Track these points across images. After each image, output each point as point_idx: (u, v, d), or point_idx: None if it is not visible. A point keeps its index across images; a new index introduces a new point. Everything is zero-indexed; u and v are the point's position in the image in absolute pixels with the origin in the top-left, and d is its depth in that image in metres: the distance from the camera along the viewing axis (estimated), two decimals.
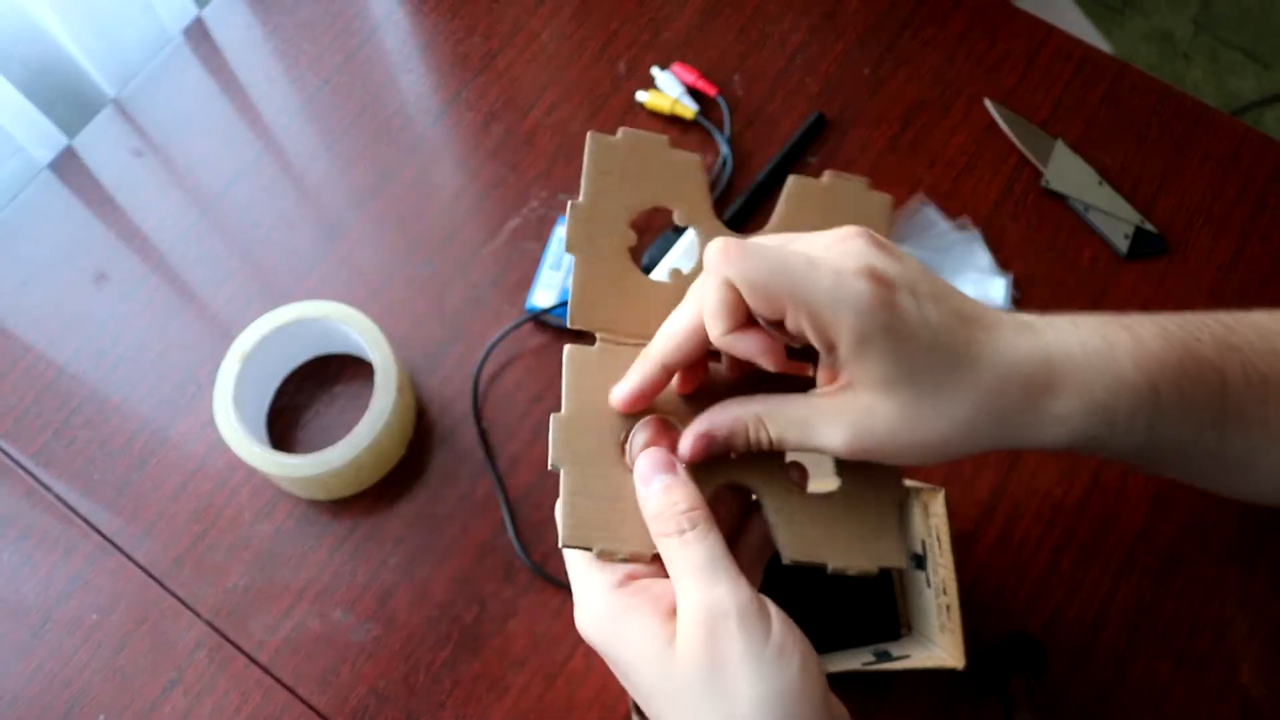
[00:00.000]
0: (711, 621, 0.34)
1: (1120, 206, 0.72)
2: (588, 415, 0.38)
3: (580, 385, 0.38)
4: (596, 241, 0.40)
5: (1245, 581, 0.63)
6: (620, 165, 0.40)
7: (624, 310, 0.40)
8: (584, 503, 0.37)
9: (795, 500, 0.39)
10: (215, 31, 0.79)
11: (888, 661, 0.55)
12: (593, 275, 0.40)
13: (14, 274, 0.71)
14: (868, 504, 0.40)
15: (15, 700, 0.60)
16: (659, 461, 0.37)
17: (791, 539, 0.39)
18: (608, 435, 0.38)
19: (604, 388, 0.38)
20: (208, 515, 0.64)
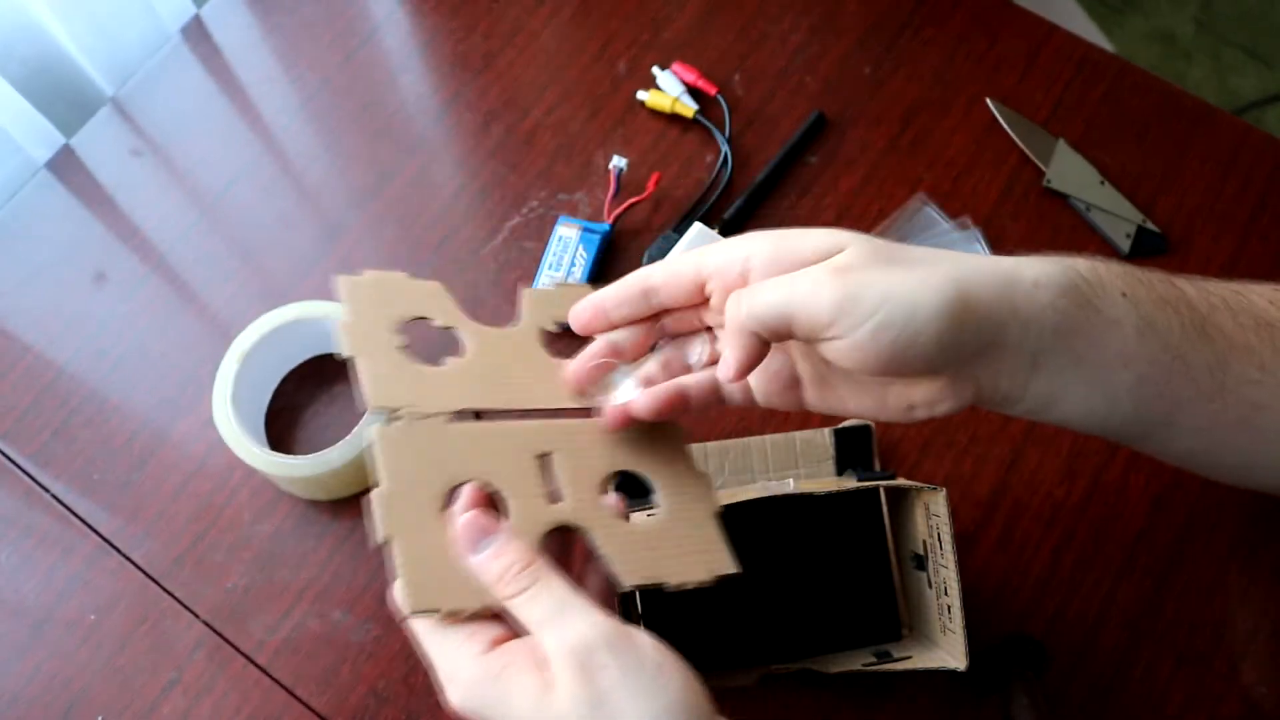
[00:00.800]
0: (581, 659, 0.34)
1: (1121, 206, 0.72)
2: (407, 488, 0.39)
3: (395, 462, 0.39)
4: (370, 342, 0.43)
5: (1246, 581, 0.63)
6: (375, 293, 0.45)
7: (413, 389, 0.42)
8: (421, 569, 0.38)
9: (621, 530, 0.41)
10: (214, 30, 0.78)
11: (889, 662, 0.55)
12: (377, 368, 0.42)
13: (13, 274, 0.71)
14: (688, 523, 0.43)
15: (15, 700, 0.60)
16: (480, 526, 0.38)
17: (625, 566, 0.40)
18: (429, 504, 0.39)
19: (420, 461, 0.40)
20: (207, 515, 0.64)
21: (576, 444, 0.43)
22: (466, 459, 0.41)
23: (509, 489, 0.41)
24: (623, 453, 0.43)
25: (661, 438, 0.45)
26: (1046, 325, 0.38)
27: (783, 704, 0.60)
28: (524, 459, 0.42)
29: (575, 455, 0.42)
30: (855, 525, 0.60)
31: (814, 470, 0.63)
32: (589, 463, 0.43)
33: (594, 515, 0.41)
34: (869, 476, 0.59)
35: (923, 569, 0.56)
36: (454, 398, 0.42)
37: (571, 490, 0.41)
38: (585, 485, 0.42)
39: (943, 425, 0.66)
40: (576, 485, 0.42)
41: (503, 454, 0.41)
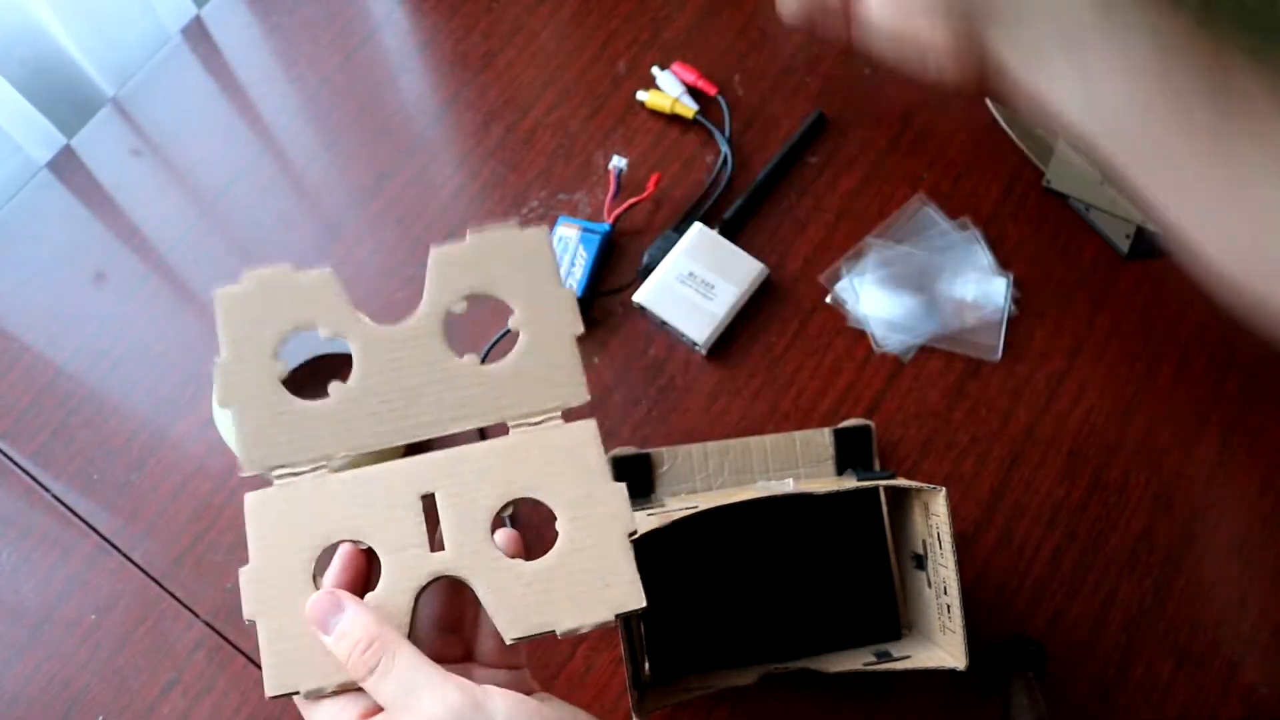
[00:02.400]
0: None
1: (1121, 206, 0.72)
2: (276, 560, 0.38)
3: (264, 532, 0.38)
4: (247, 387, 0.40)
5: (1246, 581, 0.63)
6: (254, 308, 0.42)
7: (294, 439, 0.40)
8: (284, 648, 0.37)
9: (507, 574, 0.38)
10: (214, 31, 0.78)
11: (889, 661, 0.55)
12: (253, 420, 0.40)
13: (13, 274, 0.71)
14: (591, 553, 0.39)
15: (15, 700, 0.60)
16: (325, 606, 0.37)
17: (509, 616, 0.38)
18: (299, 574, 0.38)
19: (290, 526, 0.39)
20: (207, 515, 0.64)
21: (464, 478, 0.40)
22: (338, 516, 0.39)
23: (382, 544, 0.39)
24: (519, 477, 0.40)
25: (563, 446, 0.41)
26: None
27: (783, 704, 0.60)
28: (404, 505, 0.39)
29: (461, 491, 0.40)
30: (855, 525, 0.60)
31: (814, 470, 0.63)
32: (476, 498, 0.40)
33: (476, 561, 0.38)
34: (869, 476, 0.59)
35: (922, 569, 0.56)
36: (333, 443, 0.40)
37: (455, 534, 0.39)
38: (470, 526, 0.39)
39: (943, 425, 0.66)
40: (461, 527, 0.39)
41: (380, 503, 0.39)
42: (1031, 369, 0.68)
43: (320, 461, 0.40)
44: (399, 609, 0.38)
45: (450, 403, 0.41)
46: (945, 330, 0.68)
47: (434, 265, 0.42)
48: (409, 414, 0.41)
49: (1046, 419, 0.67)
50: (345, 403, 0.41)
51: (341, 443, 0.41)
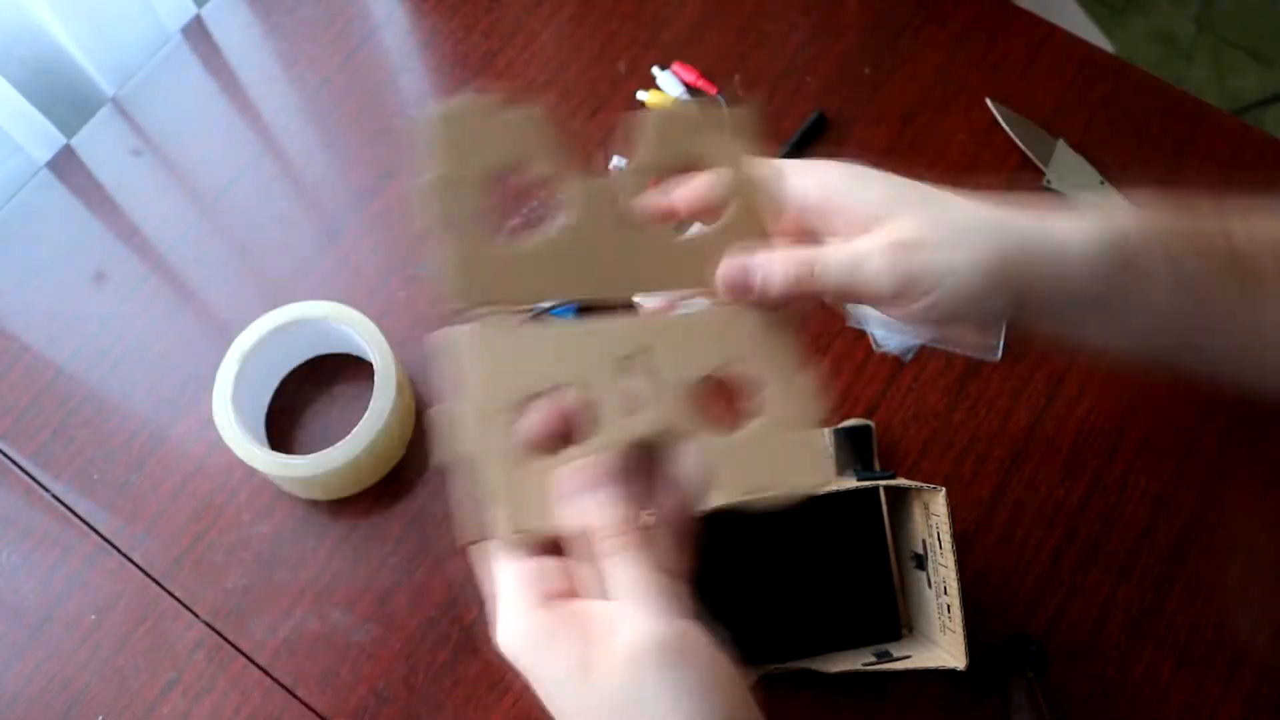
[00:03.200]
0: (637, 657, 0.33)
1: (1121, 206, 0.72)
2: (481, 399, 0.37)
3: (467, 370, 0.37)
4: (456, 215, 0.38)
5: (1246, 581, 0.63)
6: (468, 133, 0.39)
7: (503, 278, 0.38)
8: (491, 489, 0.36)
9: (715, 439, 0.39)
10: (214, 30, 0.78)
11: (889, 661, 0.55)
12: (463, 250, 0.38)
13: (13, 274, 0.71)
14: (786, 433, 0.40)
15: (14, 700, 0.60)
16: (594, 476, 0.37)
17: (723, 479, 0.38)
18: (506, 416, 0.37)
19: (495, 368, 0.37)
20: (207, 515, 0.64)
21: (669, 344, 0.39)
22: (544, 367, 0.38)
23: (591, 400, 0.38)
24: (720, 349, 0.40)
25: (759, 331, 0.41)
26: (1088, 295, 0.41)
27: (783, 704, 0.60)
28: (608, 364, 0.38)
29: (667, 357, 0.39)
30: (855, 525, 0.60)
31: None
32: (682, 365, 0.39)
33: (684, 426, 0.38)
34: (869, 476, 0.59)
35: (922, 568, 0.56)
36: (537, 290, 0.39)
37: (660, 398, 0.38)
38: (676, 390, 0.39)
39: (943, 425, 0.66)
40: (667, 391, 0.39)
41: (585, 359, 0.38)
42: (1031, 369, 0.68)
43: (530, 306, 0.39)
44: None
45: (649, 266, 0.40)
46: None
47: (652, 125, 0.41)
48: (618, 271, 0.40)
49: (1046, 419, 0.67)
50: (556, 249, 0.39)
51: (552, 290, 0.39)
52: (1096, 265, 0.40)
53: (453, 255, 0.38)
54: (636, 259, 0.40)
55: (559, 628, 0.35)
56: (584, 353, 0.39)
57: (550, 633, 0.35)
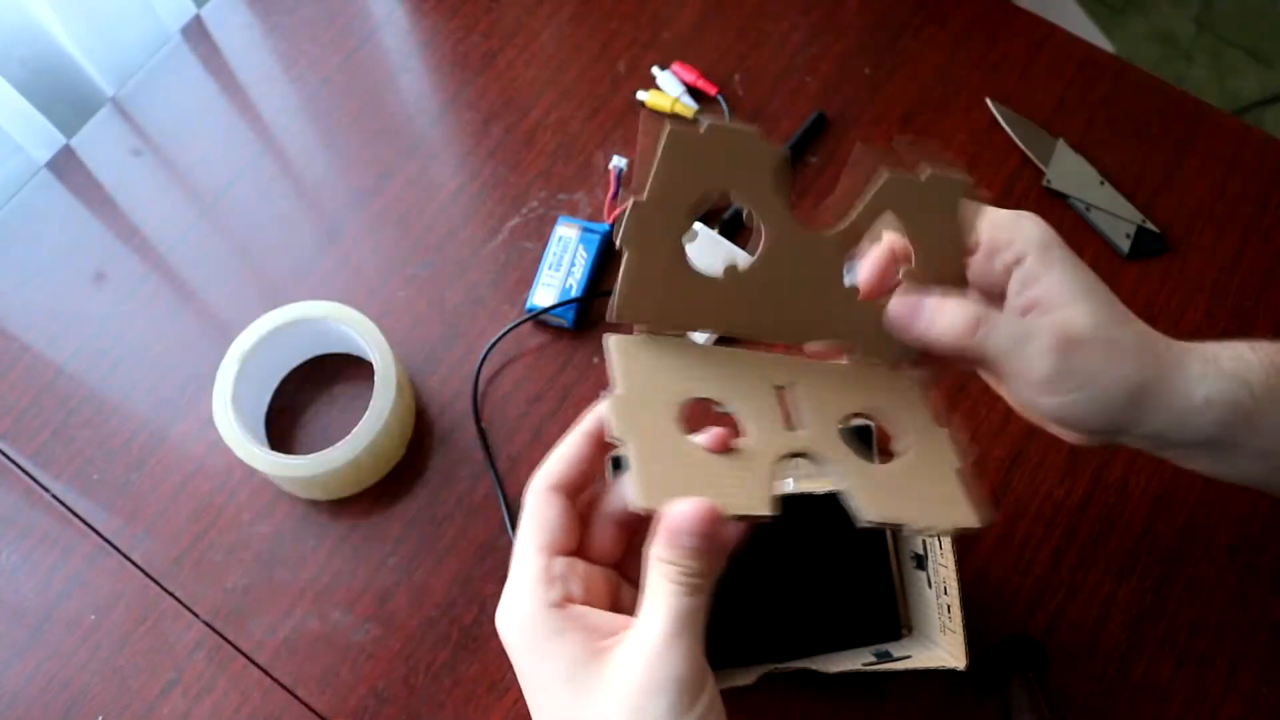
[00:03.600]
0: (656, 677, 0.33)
1: (1122, 206, 0.72)
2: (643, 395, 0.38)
3: (632, 370, 0.38)
4: (651, 236, 0.39)
5: (1247, 581, 0.63)
6: (694, 160, 0.39)
7: (677, 301, 0.40)
8: (654, 469, 0.36)
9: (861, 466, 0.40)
10: (214, 30, 0.78)
11: (889, 661, 0.55)
12: (646, 268, 0.39)
13: (13, 274, 0.71)
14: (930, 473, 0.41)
15: (14, 700, 0.60)
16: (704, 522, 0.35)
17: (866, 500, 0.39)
18: (666, 410, 0.38)
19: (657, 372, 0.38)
20: (207, 515, 0.64)
21: (818, 380, 0.41)
22: (704, 378, 0.39)
23: (746, 412, 0.39)
24: (866, 395, 0.42)
25: (899, 388, 0.44)
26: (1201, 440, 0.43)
27: (783, 704, 0.60)
28: (763, 387, 0.40)
29: (815, 390, 0.41)
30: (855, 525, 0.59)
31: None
32: (828, 399, 0.41)
33: (833, 448, 0.40)
34: None
35: (922, 568, 0.56)
36: (711, 319, 0.40)
37: (811, 422, 0.40)
38: (824, 418, 0.40)
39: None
40: (815, 417, 0.40)
41: (740, 378, 0.40)
42: None
43: (692, 331, 0.40)
44: (762, 476, 0.38)
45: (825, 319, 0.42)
46: None
47: (881, 189, 0.42)
48: (789, 316, 0.42)
49: None
50: (736, 283, 0.41)
51: (719, 322, 0.40)
52: (1217, 417, 0.42)
53: (633, 272, 0.39)
54: (813, 311, 0.42)
55: (568, 629, 0.35)
56: (741, 374, 0.40)
57: (559, 631, 0.35)
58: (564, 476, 0.39)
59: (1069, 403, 0.42)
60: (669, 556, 0.35)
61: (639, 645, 0.34)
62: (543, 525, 0.37)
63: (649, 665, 0.33)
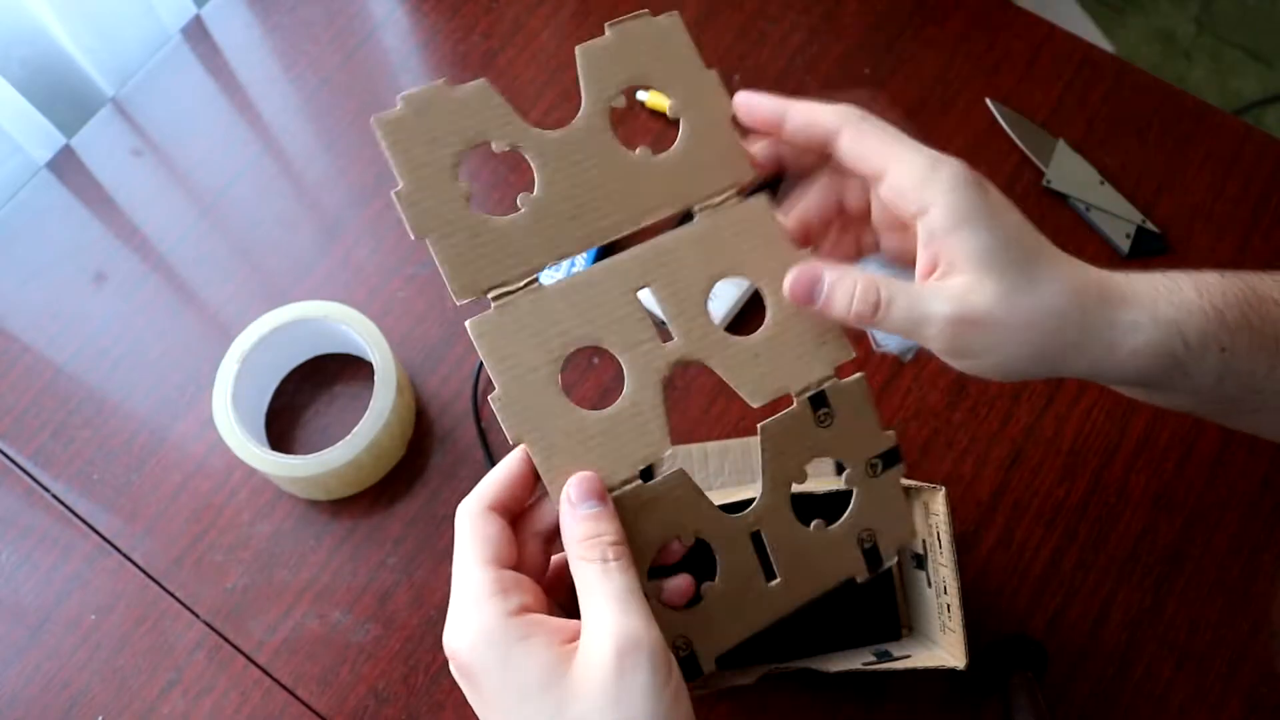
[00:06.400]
0: (622, 650, 0.34)
1: (1121, 206, 0.72)
2: (521, 380, 0.39)
3: (499, 354, 0.39)
4: (438, 213, 0.40)
5: (1246, 582, 0.63)
6: (421, 130, 0.40)
7: (498, 257, 0.40)
8: (557, 462, 0.38)
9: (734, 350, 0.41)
10: (214, 30, 0.78)
11: (888, 661, 0.55)
12: (453, 245, 0.40)
13: (13, 274, 0.71)
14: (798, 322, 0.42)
15: (14, 700, 0.60)
16: (590, 490, 0.38)
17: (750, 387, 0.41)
18: (548, 389, 0.39)
19: (523, 344, 0.39)
20: (207, 515, 0.64)
21: (671, 267, 0.41)
22: (566, 326, 0.40)
23: (617, 344, 0.40)
24: (719, 258, 0.42)
25: (752, 221, 0.43)
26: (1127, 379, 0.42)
27: (783, 704, 0.60)
28: (624, 304, 0.41)
29: (672, 280, 0.41)
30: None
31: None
32: (689, 283, 0.41)
33: (706, 343, 0.41)
34: None
35: (922, 568, 0.56)
36: (542, 255, 0.40)
37: (678, 321, 0.41)
38: (691, 311, 0.41)
39: (943, 425, 0.66)
40: (682, 314, 0.41)
41: (602, 304, 0.40)
42: None
43: (530, 275, 0.40)
44: (650, 404, 0.40)
45: (637, 197, 0.42)
46: None
47: (584, 62, 0.43)
48: (602, 213, 0.41)
49: (1046, 419, 0.67)
50: (538, 212, 0.41)
51: (546, 252, 0.41)
52: (1144, 364, 0.41)
53: (444, 255, 0.39)
54: (621, 194, 0.42)
55: (532, 634, 0.35)
56: (600, 298, 0.40)
57: (523, 638, 0.35)
58: (498, 497, 0.38)
59: (971, 366, 0.41)
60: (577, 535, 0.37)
61: (597, 636, 0.34)
62: (484, 541, 0.37)
63: (616, 651, 0.34)
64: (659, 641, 0.35)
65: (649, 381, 0.40)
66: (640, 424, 0.40)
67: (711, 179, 0.43)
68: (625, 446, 0.39)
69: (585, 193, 0.41)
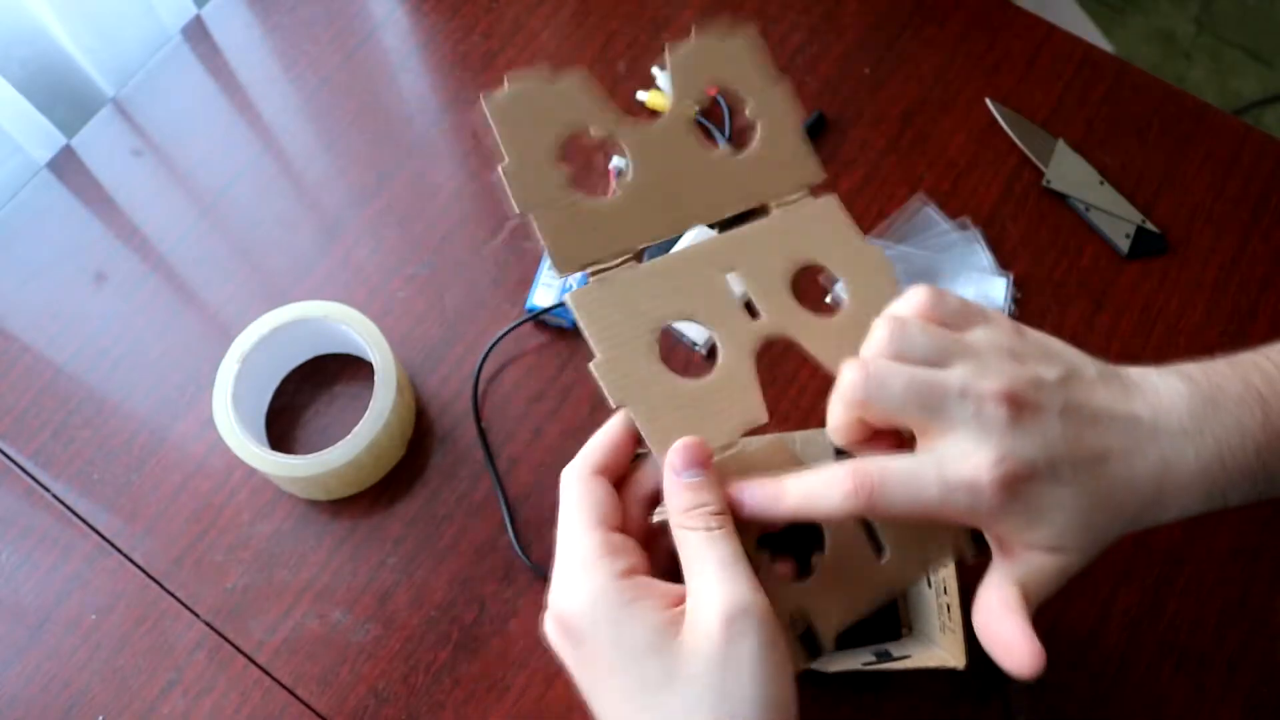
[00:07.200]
0: (731, 617, 0.34)
1: (1121, 206, 0.72)
2: (621, 348, 0.40)
3: (599, 324, 0.40)
4: (541, 191, 0.41)
5: (1246, 582, 0.63)
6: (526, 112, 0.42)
7: (596, 235, 0.42)
8: (662, 423, 0.39)
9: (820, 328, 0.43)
10: (214, 30, 0.78)
11: (888, 661, 0.55)
12: (554, 221, 0.41)
13: (13, 274, 0.71)
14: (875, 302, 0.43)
15: (14, 700, 0.60)
16: (694, 457, 0.38)
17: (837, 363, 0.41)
18: (648, 357, 0.40)
19: (621, 315, 0.41)
20: (207, 515, 0.64)
21: (753, 253, 0.44)
22: (664, 299, 0.41)
23: (710, 319, 0.42)
24: (796, 246, 0.44)
25: (824, 216, 0.45)
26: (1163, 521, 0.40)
27: None
28: (714, 283, 0.42)
29: (756, 264, 0.43)
30: None
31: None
32: (771, 267, 0.43)
33: (794, 321, 0.42)
34: None
35: None
36: (636, 236, 0.42)
37: (764, 301, 0.43)
38: (775, 292, 0.43)
39: None
40: (769, 295, 0.43)
41: (692, 285, 0.42)
42: None
43: (625, 254, 0.42)
44: (745, 373, 0.41)
45: (718, 190, 0.45)
46: None
47: (674, 61, 0.46)
48: (689, 203, 0.44)
49: None
50: (631, 197, 0.43)
51: (640, 235, 0.42)
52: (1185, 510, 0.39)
53: (548, 229, 0.41)
54: (704, 187, 0.44)
55: (641, 596, 0.35)
56: (690, 277, 0.42)
57: (633, 599, 0.35)
58: (602, 461, 0.39)
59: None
60: (681, 504, 0.37)
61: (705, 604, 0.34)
62: (592, 504, 0.38)
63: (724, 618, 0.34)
64: (766, 607, 0.35)
65: (743, 354, 0.41)
66: (736, 392, 0.41)
67: (785, 179, 0.46)
68: (724, 413, 0.40)
69: (673, 183, 0.44)
